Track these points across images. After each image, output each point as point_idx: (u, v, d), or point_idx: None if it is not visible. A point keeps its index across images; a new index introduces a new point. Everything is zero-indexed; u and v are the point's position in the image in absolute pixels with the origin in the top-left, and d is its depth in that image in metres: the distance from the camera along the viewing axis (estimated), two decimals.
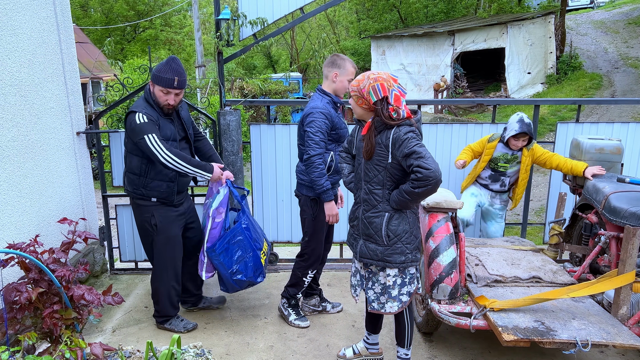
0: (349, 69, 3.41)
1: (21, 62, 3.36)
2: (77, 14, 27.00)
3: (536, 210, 8.14)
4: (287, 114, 17.06)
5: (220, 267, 3.49)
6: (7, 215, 3.17)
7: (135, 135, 3.19)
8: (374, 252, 2.75)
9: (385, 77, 2.63)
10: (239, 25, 4.17)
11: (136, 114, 3.20)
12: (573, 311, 2.92)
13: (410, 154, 2.53)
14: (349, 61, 3.43)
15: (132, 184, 3.39)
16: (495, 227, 4.33)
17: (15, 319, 2.26)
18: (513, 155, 4.06)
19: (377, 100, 2.60)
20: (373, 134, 2.67)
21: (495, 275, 3.29)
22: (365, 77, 2.64)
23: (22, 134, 3.35)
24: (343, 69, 3.40)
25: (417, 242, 2.77)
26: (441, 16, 27.38)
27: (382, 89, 2.60)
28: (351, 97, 2.76)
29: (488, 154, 4.08)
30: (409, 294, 2.80)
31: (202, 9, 25.63)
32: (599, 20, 25.94)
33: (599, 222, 3.50)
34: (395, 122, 2.60)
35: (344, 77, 3.41)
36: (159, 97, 3.28)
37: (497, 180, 4.15)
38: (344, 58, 3.44)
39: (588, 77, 18.60)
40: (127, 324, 3.73)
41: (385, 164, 2.65)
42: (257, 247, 3.58)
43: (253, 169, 4.57)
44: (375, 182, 2.71)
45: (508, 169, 4.10)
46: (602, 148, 3.90)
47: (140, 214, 3.45)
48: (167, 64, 3.27)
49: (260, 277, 3.60)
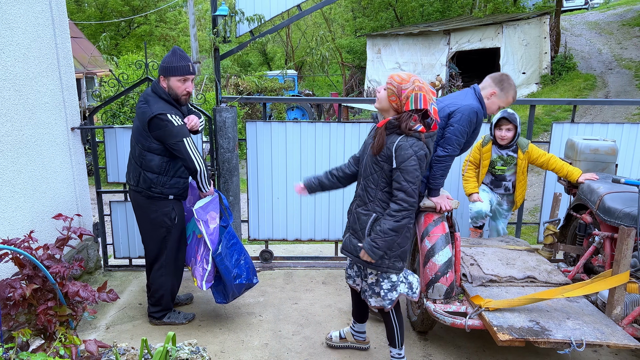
0: (509, 99, 3.31)
1: (16, 56, 3.33)
2: (71, 9, 26.80)
3: (530, 210, 8.17)
4: (282, 111, 17.02)
5: (225, 273, 3.46)
6: (1, 211, 3.15)
7: (173, 137, 3.20)
8: (355, 248, 2.82)
9: (427, 89, 2.63)
10: (235, 21, 4.15)
11: (168, 116, 3.19)
12: (567, 311, 2.94)
13: (404, 170, 2.60)
14: (514, 90, 3.32)
15: (147, 182, 3.35)
16: (503, 225, 4.34)
17: (9, 316, 2.24)
18: (509, 156, 4.05)
19: (413, 109, 2.61)
20: (385, 132, 2.67)
21: (491, 275, 3.30)
22: (411, 80, 2.62)
23: (16, 129, 3.32)
24: (503, 94, 3.29)
25: (399, 251, 2.75)
26: (437, 15, 27.42)
27: (424, 101, 2.61)
28: (385, 88, 2.69)
29: (486, 158, 4.06)
30: (391, 301, 2.83)
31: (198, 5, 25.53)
32: (594, 21, 26.06)
33: (593, 223, 3.52)
34: (409, 133, 2.61)
35: (498, 101, 3.31)
36: (177, 87, 3.27)
37: (499, 186, 4.15)
38: (512, 85, 3.31)
39: (582, 78, 18.68)
40: (121, 321, 3.72)
41: (382, 164, 2.67)
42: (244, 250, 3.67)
43: (249, 166, 4.55)
44: (371, 180, 2.74)
45: (506, 171, 4.09)
46: (596, 149, 3.91)
47: (159, 209, 3.40)
48: (174, 53, 3.29)
49: (255, 278, 3.64)
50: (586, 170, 3.84)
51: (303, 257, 4.87)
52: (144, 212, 3.46)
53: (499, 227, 4.35)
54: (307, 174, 4.54)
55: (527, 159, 4.03)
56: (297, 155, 4.52)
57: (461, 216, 4.65)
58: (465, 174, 4.16)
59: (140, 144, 3.33)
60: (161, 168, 3.33)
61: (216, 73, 4.34)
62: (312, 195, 3.29)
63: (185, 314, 3.69)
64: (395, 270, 2.78)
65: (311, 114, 17.48)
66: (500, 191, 4.18)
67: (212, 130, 4.32)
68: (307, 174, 4.55)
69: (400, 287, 2.84)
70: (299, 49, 30.79)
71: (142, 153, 3.34)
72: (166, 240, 3.47)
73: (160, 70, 3.30)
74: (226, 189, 4.31)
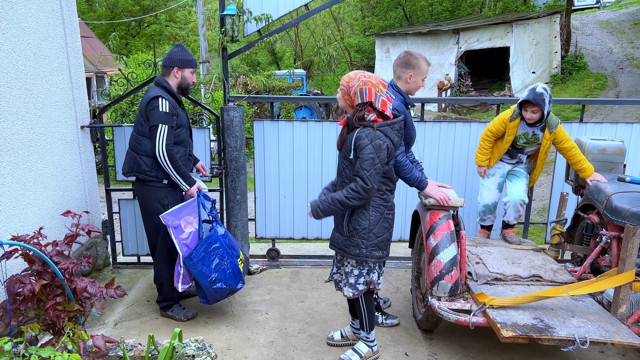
0: (423, 68, 3.29)
1: (26, 55, 3.38)
2: (81, 8, 27.03)
3: (538, 210, 8.15)
4: (291, 110, 17.06)
5: (199, 277, 3.46)
6: (11, 208, 3.20)
7: (154, 119, 3.35)
8: (337, 241, 3.01)
9: (375, 82, 2.76)
10: (243, 21, 4.18)
11: (160, 100, 3.37)
12: (572, 309, 2.93)
13: (360, 158, 2.73)
14: (423, 59, 3.31)
15: (143, 166, 3.47)
16: (518, 186, 3.96)
17: (18, 311, 2.28)
18: (534, 135, 3.83)
19: (360, 103, 2.76)
20: (346, 130, 2.87)
21: (496, 273, 3.30)
22: (357, 77, 2.77)
23: (26, 127, 3.37)
24: (417, 69, 3.28)
25: (376, 241, 2.89)
26: (446, 14, 27.33)
27: (369, 94, 2.75)
28: (339, 90, 2.87)
29: (511, 134, 3.84)
30: (365, 283, 3.00)
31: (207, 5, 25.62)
32: (605, 20, 25.84)
33: (600, 223, 3.50)
34: (361, 124, 2.76)
35: (418, 77, 3.30)
36: (189, 78, 3.55)
37: (514, 157, 3.99)
38: (418, 57, 3.30)
39: (593, 78, 18.54)
40: (128, 317, 3.76)
41: (350, 159, 2.83)
42: (235, 255, 3.63)
43: (256, 165, 4.58)
44: (344, 175, 2.91)
45: (527, 148, 3.92)
46: (604, 149, 3.90)
47: (153, 194, 3.52)
48: (183, 49, 3.56)
49: (240, 283, 3.63)
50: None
51: (309, 256, 4.90)
52: (141, 199, 3.61)
53: (514, 187, 3.97)
54: (314, 173, 4.58)
55: (552, 140, 3.81)
56: (304, 154, 4.54)
57: (468, 215, 4.65)
58: (481, 143, 4.00)
59: (137, 130, 3.49)
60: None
61: (224, 72, 4.37)
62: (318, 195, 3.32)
63: (187, 311, 3.72)
64: (373, 258, 2.93)
65: (319, 113, 17.51)
66: (513, 162, 4.00)
67: (220, 129, 4.35)
68: (314, 172, 4.58)
69: (373, 275, 3.02)
70: (307, 48, 30.83)
71: (137, 138, 3.49)
72: (159, 227, 3.53)
73: (175, 62, 3.49)
74: (234, 188, 4.34)
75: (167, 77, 3.51)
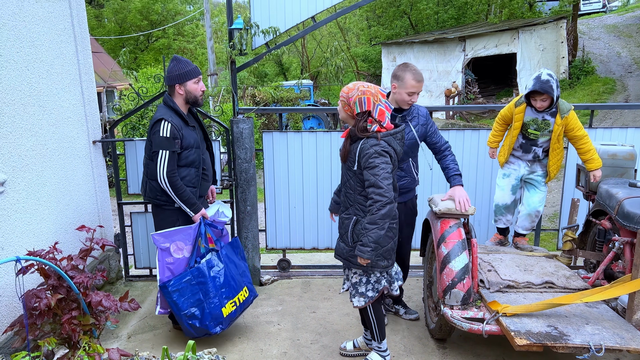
0: (408, 82, 3.25)
1: (40, 72, 3.44)
2: (91, 24, 27.36)
3: (550, 216, 8.10)
4: (299, 121, 17.14)
5: (172, 307, 3.29)
6: (26, 223, 3.24)
7: (155, 145, 3.29)
8: (342, 251, 2.99)
9: (374, 91, 2.79)
10: (251, 34, 4.23)
11: (162, 123, 3.26)
12: (586, 316, 2.91)
13: (369, 167, 2.73)
14: (411, 72, 3.27)
15: (154, 190, 3.41)
16: (537, 197, 3.96)
17: (34, 325, 2.31)
18: (544, 121, 3.72)
19: (359, 112, 2.78)
20: (349, 141, 2.87)
21: (508, 280, 3.29)
22: (356, 88, 2.80)
23: (40, 143, 3.43)
24: (401, 82, 3.28)
25: (381, 250, 2.85)
26: (452, 22, 27.38)
27: (368, 103, 2.76)
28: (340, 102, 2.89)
29: (518, 120, 3.79)
30: (375, 290, 2.98)
31: (214, 18, 25.88)
32: (612, 24, 25.76)
33: (612, 228, 3.48)
34: (364, 135, 2.78)
35: (402, 89, 3.29)
36: (194, 90, 3.40)
37: (529, 151, 3.87)
38: (406, 69, 3.28)
39: (601, 82, 18.46)
40: (142, 330, 3.78)
41: (354, 170, 2.83)
42: (225, 296, 3.38)
43: (265, 176, 4.61)
44: (348, 186, 2.92)
45: (539, 137, 3.79)
46: (614, 154, 3.88)
47: (167, 217, 3.45)
48: (179, 61, 3.41)
49: (219, 327, 3.37)
50: (605, 176, 3.81)
51: (321, 266, 4.90)
52: (155, 221, 3.57)
53: (532, 198, 3.97)
54: (323, 183, 4.59)
55: (563, 126, 3.68)
56: (313, 164, 4.56)
57: (479, 223, 4.64)
58: (494, 126, 4.02)
59: (146, 153, 3.45)
60: None
61: (233, 85, 4.42)
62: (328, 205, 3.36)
63: None
64: (379, 268, 2.92)
65: (327, 122, 17.58)
66: (529, 157, 3.89)
67: (230, 141, 4.39)
68: (323, 182, 4.59)
69: (382, 282, 3.00)
70: (314, 59, 30.97)
71: (147, 162, 3.45)
72: None
73: (174, 79, 3.36)
74: (244, 199, 4.37)
75: (173, 95, 3.42)
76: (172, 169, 3.28)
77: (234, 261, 3.58)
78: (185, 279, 3.28)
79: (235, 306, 3.45)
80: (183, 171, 3.38)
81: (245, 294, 3.56)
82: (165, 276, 3.31)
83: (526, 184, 4.04)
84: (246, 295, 3.58)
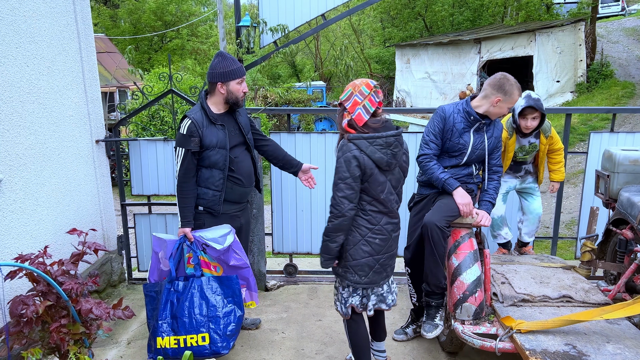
0: (514, 97, 3.08)
1: (40, 69, 3.34)
2: (106, 25, 27.58)
3: (567, 223, 7.87)
4: (310, 122, 17.02)
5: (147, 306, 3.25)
6: (23, 225, 3.14)
7: (176, 141, 3.21)
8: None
9: (359, 83, 2.63)
10: (259, 32, 4.11)
11: (184, 121, 3.17)
12: (607, 334, 2.73)
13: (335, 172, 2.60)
14: (517, 88, 3.09)
15: None
16: (537, 202, 4.06)
17: (21, 333, 2.20)
18: (531, 145, 3.86)
19: (340, 102, 2.67)
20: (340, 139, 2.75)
21: (523, 294, 3.11)
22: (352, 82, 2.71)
23: (39, 141, 3.33)
24: (508, 97, 3.08)
25: (352, 262, 2.68)
26: (467, 24, 27.07)
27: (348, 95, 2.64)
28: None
29: (511, 151, 3.84)
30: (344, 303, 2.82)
31: (228, 19, 25.87)
32: (631, 27, 25.27)
33: (634, 238, 3.30)
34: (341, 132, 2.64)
35: (505, 104, 3.11)
36: (237, 91, 3.19)
37: (519, 170, 3.99)
38: (513, 84, 3.07)
39: (620, 86, 18.07)
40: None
41: None
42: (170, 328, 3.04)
43: (273, 177, 4.48)
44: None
45: (528, 159, 3.94)
46: (636, 160, 3.69)
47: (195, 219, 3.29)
48: (225, 58, 3.19)
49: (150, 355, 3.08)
50: (625, 183, 3.63)
51: (328, 272, 4.75)
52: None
53: (532, 206, 4.06)
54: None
55: (548, 145, 3.89)
56: (321, 166, 4.42)
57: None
58: None
59: None
60: None
61: None
62: None
63: None
64: (346, 280, 2.74)
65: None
66: (520, 173, 3.99)
67: None
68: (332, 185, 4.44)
69: (353, 299, 2.81)
70: (327, 60, 30.87)
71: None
72: None
73: (217, 77, 3.15)
74: (250, 201, 4.24)
75: (212, 92, 3.21)
76: (187, 169, 3.15)
77: (208, 300, 3.11)
78: (155, 289, 3.23)
79: (177, 345, 3.01)
80: (205, 172, 3.21)
81: (201, 341, 3.03)
82: (152, 277, 3.30)
83: (522, 194, 4.11)
84: (203, 343, 3.03)
